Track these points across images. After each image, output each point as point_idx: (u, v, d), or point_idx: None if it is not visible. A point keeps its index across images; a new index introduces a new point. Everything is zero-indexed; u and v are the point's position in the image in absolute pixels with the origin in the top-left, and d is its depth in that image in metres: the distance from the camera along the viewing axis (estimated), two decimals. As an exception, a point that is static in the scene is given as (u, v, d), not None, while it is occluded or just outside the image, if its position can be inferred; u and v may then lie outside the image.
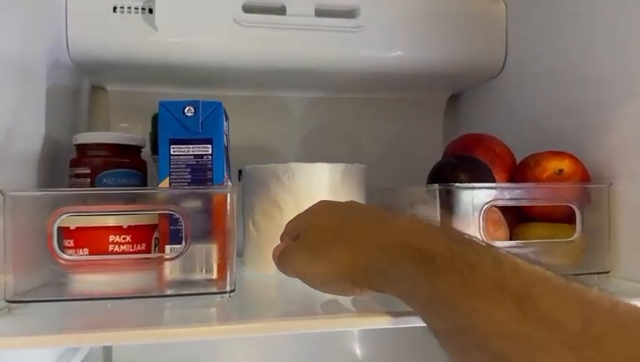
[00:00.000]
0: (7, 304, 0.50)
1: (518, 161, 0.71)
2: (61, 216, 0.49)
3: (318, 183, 0.66)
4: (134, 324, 0.46)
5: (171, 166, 0.55)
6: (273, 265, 0.67)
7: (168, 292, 0.53)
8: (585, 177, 0.65)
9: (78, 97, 0.82)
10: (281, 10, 0.77)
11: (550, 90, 0.77)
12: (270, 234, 0.67)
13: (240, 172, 0.72)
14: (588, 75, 0.70)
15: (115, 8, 0.73)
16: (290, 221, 0.51)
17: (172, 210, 0.52)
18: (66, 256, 0.50)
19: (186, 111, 0.56)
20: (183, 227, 0.52)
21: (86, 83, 0.85)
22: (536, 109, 0.80)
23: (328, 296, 0.48)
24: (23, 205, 0.51)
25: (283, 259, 0.48)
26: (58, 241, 0.51)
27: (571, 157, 0.66)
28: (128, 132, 0.87)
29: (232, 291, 0.52)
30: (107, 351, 0.90)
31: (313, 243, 0.46)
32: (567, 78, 0.73)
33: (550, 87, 0.77)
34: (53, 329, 0.44)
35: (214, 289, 0.53)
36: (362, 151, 0.97)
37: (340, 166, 0.67)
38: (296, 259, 0.47)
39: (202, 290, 0.53)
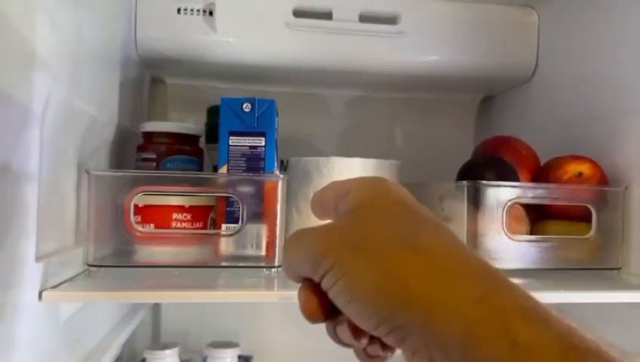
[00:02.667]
0: (87, 267, 0.58)
1: (542, 162, 0.77)
2: (137, 194, 0.57)
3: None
4: (194, 287, 0.54)
5: (229, 155, 0.63)
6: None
7: (223, 264, 0.61)
8: (603, 180, 0.71)
9: (141, 89, 0.91)
10: (328, 16, 0.84)
11: (576, 98, 0.82)
12: (310, 219, 0.74)
13: (282, 162, 0.79)
14: (611, 85, 0.75)
15: (179, 10, 0.81)
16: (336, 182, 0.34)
17: (231, 193, 0.60)
18: (141, 229, 0.58)
19: (244, 107, 0.64)
20: (240, 208, 0.59)
21: (147, 76, 0.94)
22: (563, 115, 0.85)
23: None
24: (104, 183, 0.59)
25: (301, 234, 0.32)
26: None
27: (591, 161, 0.71)
28: (183, 122, 0.95)
29: (279, 266, 0.60)
30: (156, 320, 0.98)
31: (367, 232, 0.29)
32: (592, 88, 0.79)
33: (576, 95, 0.82)
34: (130, 287, 0.53)
35: (263, 264, 0.61)
36: (396, 148, 1.04)
37: (377, 161, 0.73)
38: (328, 240, 0.30)
39: (252, 264, 0.61)
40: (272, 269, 0.60)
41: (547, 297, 0.58)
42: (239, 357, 0.85)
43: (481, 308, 0.25)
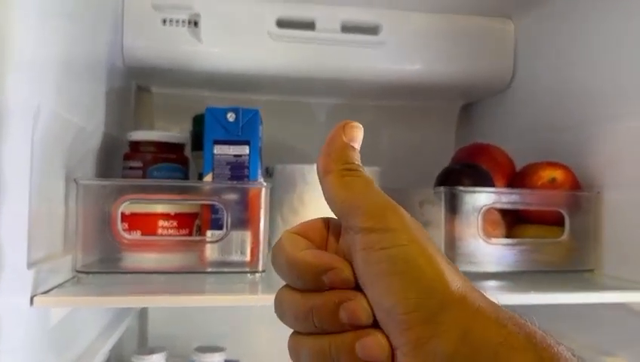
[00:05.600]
0: (76, 274, 0.60)
1: (518, 169, 0.79)
2: (125, 202, 0.59)
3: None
4: (181, 292, 0.56)
5: (214, 163, 0.65)
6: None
7: (209, 270, 0.63)
8: (575, 186, 0.73)
9: (127, 98, 0.92)
10: (310, 26, 0.87)
11: (551, 106, 0.85)
12: (295, 225, 0.76)
13: (267, 169, 0.81)
14: (584, 94, 0.78)
15: (164, 21, 0.83)
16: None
17: (215, 201, 0.61)
18: (127, 236, 0.60)
19: (228, 116, 0.65)
20: (224, 215, 0.61)
21: (134, 85, 0.96)
22: (539, 123, 0.88)
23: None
24: (92, 192, 0.60)
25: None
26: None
27: (564, 167, 0.74)
28: (168, 130, 0.97)
29: (263, 271, 0.62)
30: (143, 325, 1.00)
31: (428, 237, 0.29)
32: (566, 96, 0.81)
33: (552, 102, 0.85)
34: (119, 293, 0.54)
35: (247, 269, 0.62)
36: (379, 155, 1.06)
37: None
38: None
39: (237, 269, 0.62)
40: (257, 274, 0.62)
41: (523, 299, 0.61)
42: (226, 361, 0.87)
43: (513, 322, 0.27)
